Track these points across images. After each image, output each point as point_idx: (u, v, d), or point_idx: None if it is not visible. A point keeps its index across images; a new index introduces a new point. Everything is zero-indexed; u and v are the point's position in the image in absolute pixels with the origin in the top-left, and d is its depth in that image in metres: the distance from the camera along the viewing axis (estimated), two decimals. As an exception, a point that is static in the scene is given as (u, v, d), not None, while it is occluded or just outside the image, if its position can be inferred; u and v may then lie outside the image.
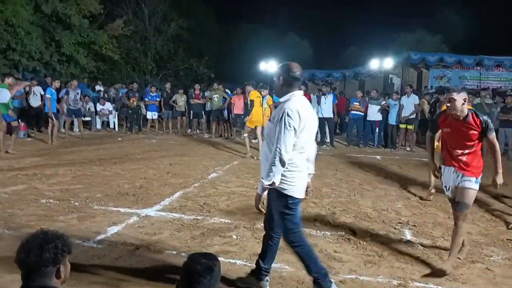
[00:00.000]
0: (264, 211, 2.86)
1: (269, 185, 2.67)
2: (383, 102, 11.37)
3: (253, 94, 9.08)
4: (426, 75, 18.90)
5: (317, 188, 6.29)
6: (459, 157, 3.51)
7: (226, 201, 5.44)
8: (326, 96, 11.35)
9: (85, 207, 4.94)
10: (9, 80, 8.75)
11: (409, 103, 10.80)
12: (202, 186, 6.29)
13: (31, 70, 15.52)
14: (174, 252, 3.69)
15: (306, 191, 2.98)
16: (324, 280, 2.88)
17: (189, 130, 13.99)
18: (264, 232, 3.05)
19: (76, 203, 5.11)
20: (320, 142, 11.48)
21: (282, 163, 2.64)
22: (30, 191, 5.65)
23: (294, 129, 2.66)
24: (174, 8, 24.45)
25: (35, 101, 11.41)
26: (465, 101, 3.37)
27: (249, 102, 9.22)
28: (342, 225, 4.63)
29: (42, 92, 11.19)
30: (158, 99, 13.29)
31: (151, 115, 13.04)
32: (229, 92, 13.46)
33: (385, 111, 11.28)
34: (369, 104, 11.37)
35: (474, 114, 3.40)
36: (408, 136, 11.19)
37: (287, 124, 2.65)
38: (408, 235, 4.38)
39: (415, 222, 4.80)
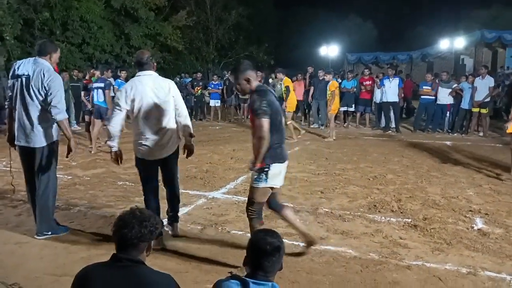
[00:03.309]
0: (119, 164, 3.72)
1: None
2: (455, 85, 10.73)
3: (288, 81, 9.57)
4: (502, 55, 17.53)
5: (381, 174, 6.19)
6: None
7: (288, 186, 5.51)
8: (391, 80, 10.94)
9: (157, 190, 5.28)
10: (97, 73, 8.71)
11: (483, 86, 10.07)
12: (265, 171, 6.41)
13: (104, 62, 16.61)
14: (240, 232, 3.87)
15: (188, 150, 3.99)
16: None
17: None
18: None
19: (149, 186, 5.48)
20: (385, 127, 11.15)
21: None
22: (108, 174, 6.16)
23: (119, 102, 3.43)
24: (234, -4, 24.76)
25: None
26: (247, 80, 3.00)
27: (284, 88, 9.40)
28: (408, 211, 4.53)
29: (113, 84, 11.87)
30: (220, 87, 13.62)
31: (214, 102, 13.40)
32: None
33: (458, 95, 10.64)
34: (440, 88, 10.78)
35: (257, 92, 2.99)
36: (481, 120, 10.49)
37: (115, 98, 3.60)
38: (479, 224, 4.19)
39: (488, 210, 4.57)
